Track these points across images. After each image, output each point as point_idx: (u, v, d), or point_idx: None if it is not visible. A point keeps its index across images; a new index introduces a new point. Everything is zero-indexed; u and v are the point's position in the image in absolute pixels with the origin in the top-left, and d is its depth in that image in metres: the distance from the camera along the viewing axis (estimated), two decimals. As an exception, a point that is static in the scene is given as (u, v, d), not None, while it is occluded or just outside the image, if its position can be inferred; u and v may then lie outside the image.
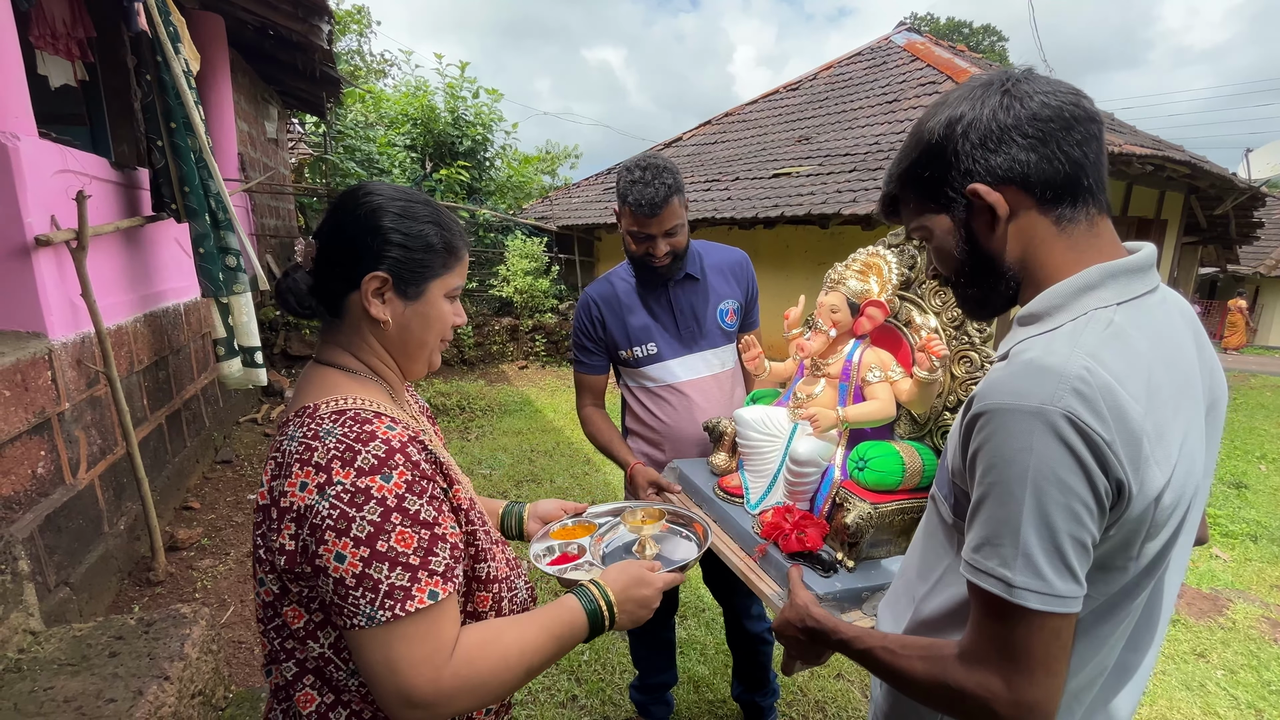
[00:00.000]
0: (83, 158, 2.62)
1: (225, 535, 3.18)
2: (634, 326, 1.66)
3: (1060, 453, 0.58)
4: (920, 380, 1.14)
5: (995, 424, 0.62)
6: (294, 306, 0.80)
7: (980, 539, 0.64)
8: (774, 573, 1.15)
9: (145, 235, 3.17)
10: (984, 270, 0.74)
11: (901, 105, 6.60)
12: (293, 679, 0.76)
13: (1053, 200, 0.68)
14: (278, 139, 7.20)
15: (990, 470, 0.62)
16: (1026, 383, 0.62)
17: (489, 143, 8.09)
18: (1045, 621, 0.60)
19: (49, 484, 2.23)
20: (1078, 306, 0.67)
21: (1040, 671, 0.61)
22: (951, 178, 0.70)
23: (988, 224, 0.71)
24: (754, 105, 9.06)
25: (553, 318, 7.44)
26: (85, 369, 2.50)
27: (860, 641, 0.79)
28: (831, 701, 2.14)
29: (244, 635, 2.47)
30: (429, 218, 0.80)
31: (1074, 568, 0.60)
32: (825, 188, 5.39)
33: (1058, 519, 0.59)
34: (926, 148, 0.72)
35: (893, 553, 1.17)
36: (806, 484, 1.24)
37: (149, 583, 2.71)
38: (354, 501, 0.66)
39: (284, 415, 0.78)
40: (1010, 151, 0.67)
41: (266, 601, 0.76)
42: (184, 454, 3.53)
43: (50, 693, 1.28)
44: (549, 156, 13.92)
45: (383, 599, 0.66)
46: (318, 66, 5.54)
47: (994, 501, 0.62)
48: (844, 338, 1.31)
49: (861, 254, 1.33)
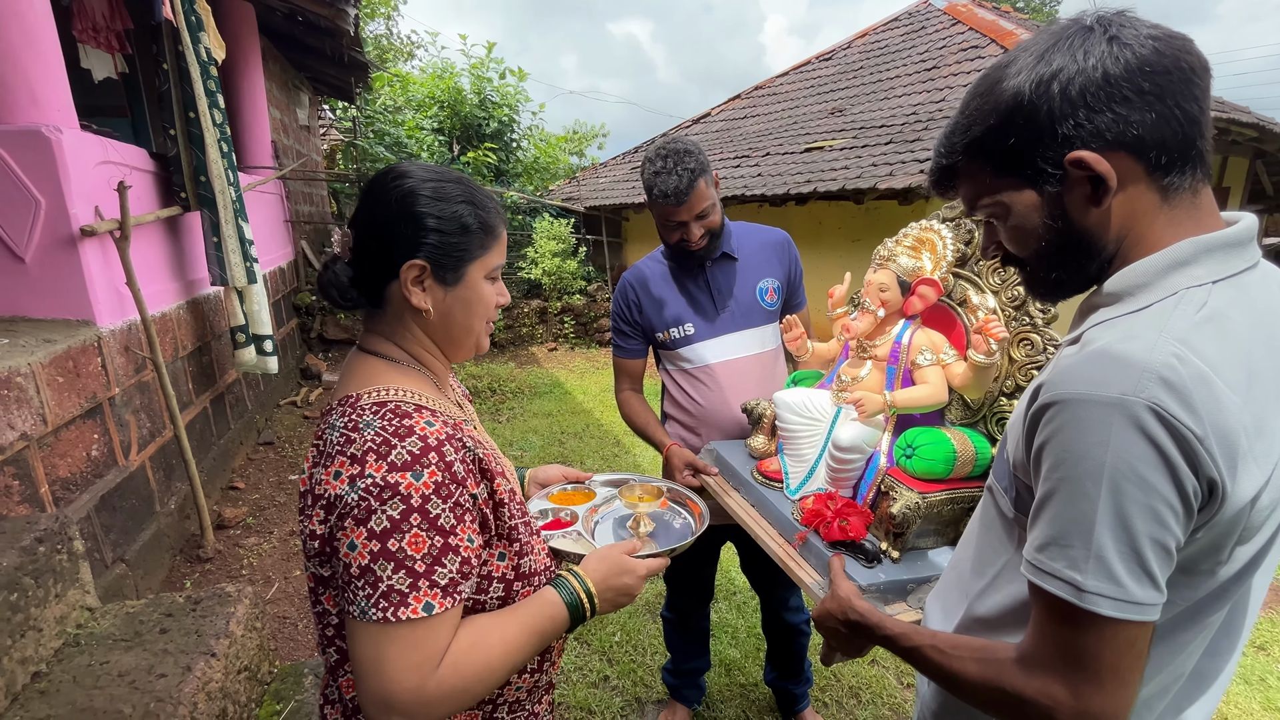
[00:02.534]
0: (123, 148, 2.68)
1: (269, 514, 3.30)
2: (670, 308, 1.63)
3: (1143, 448, 0.53)
4: (976, 364, 1.07)
5: (1067, 415, 0.56)
6: (337, 299, 0.79)
7: (1046, 538, 0.58)
8: (814, 561, 1.11)
9: (184, 224, 3.25)
10: (1074, 251, 0.65)
11: (941, 73, 6.30)
12: (335, 664, 0.77)
13: (1165, 166, 0.59)
14: (309, 125, 7.30)
15: (1060, 465, 0.57)
16: (1105, 370, 0.56)
17: (515, 124, 8.05)
18: (1119, 630, 0.55)
19: (103, 466, 2.32)
20: (1166, 285, 0.60)
21: (1111, 682, 0.56)
22: (1044, 145, 0.61)
23: (1087, 197, 0.61)
24: (784, 77, 8.78)
25: (581, 299, 7.43)
26: (133, 355, 2.58)
27: (907, 639, 0.75)
28: (866, 688, 2.11)
29: (288, 611, 2.55)
30: (462, 197, 0.78)
31: (1154, 573, 0.55)
32: (860, 161, 5.20)
33: (1137, 520, 0.54)
34: (1010, 110, 0.61)
35: (941, 544, 1.11)
36: (850, 471, 1.19)
37: (199, 559, 2.82)
38: (380, 495, 0.66)
39: (327, 402, 0.78)
40: (1120, 110, 0.57)
41: (311, 587, 0.77)
42: (228, 436, 3.65)
43: (106, 667, 1.34)
44: (576, 136, 13.80)
45: (378, 598, 0.65)
46: (345, 51, 5.56)
47: (1063, 499, 0.57)
48: (893, 318, 1.24)
49: (914, 229, 1.26)
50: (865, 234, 5.51)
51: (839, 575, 0.96)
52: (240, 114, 4.80)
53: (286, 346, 5.19)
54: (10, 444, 1.82)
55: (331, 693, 0.83)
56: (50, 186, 2.20)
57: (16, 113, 2.19)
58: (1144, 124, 0.58)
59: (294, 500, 3.45)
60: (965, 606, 0.77)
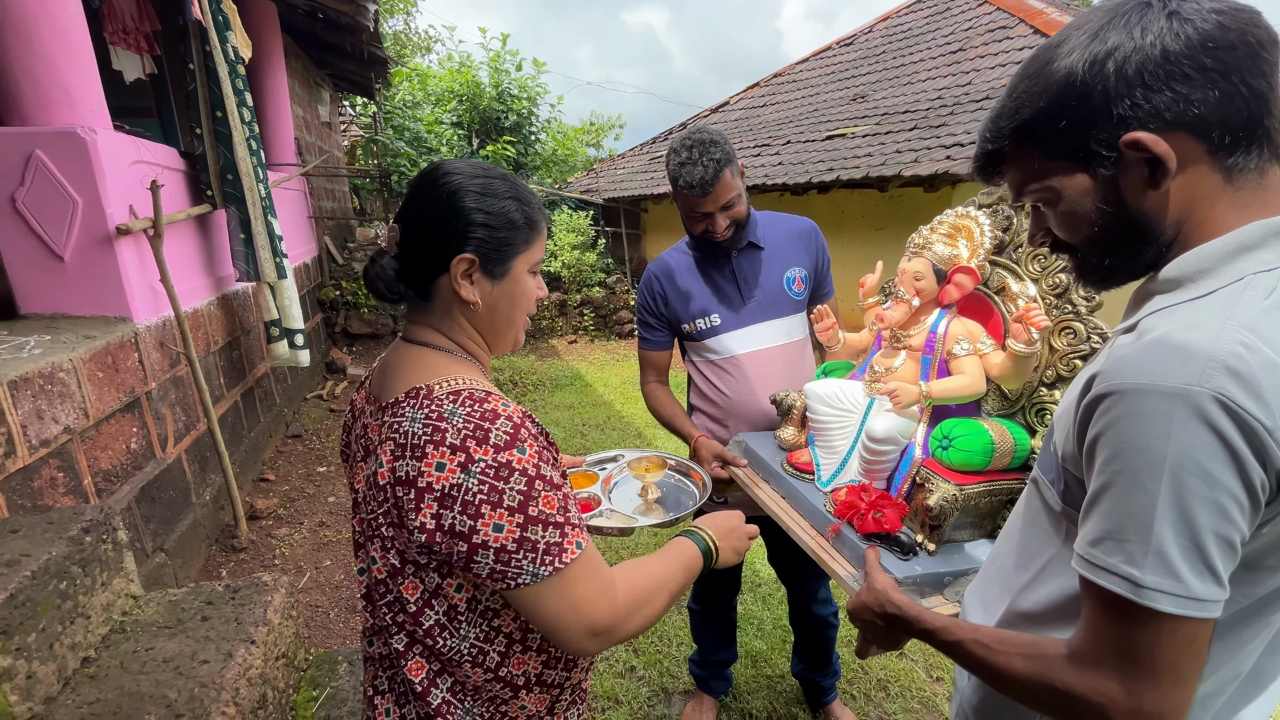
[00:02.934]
0: (154, 148, 2.74)
1: (299, 505, 3.37)
2: (696, 299, 1.62)
3: (1207, 440, 0.51)
4: (1016, 354, 1.05)
5: (1125, 406, 0.54)
6: (384, 292, 0.81)
7: (1100, 533, 0.57)
8: (847, 554, 1.10)
9: (213, 221, 3.31)
10: (1130, 236, 0.62)
11: (967, 55, 6.14)
12: (404, 649, 0.79)
13: (1229, 146, 0.57)
14: (330, 122, 7.37)
15: (1116, 458, 0.55)
16: (1166, 360, 0.53)
17: (534, 116, 8.04)
18: (1178, 626, 0.53)
19: (142, 458, 2.39)
20: (1232, 270, 0.57)
21: (1168, 680, 0.54)
22: (1098, 126, 0.58)
23: (1144, 180, 0.59)
24: (804, 64, 8.64)
25: (600, 292, 7.43)
26: (167, 350, 2.65)
27: (948, 633, 0.73)
28: (894, 680, 2.09)
29: (319, 600, 2.61)
30: (509, 193, 0.80)
31: (1216, 568, 0.53)
32: (883, 148, 5.10)
33: (1200, 514, 0.52)
34: (1062, 91, 0.59)
35: (977, 536, 1.09)
36: (884, 463, 1.17)
37: (234, 549, 2.90)
38: (500, 475, 0.70)
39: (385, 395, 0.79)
40: (1180, 88, 0.55)
41: (379, 579, 0.78)
42: (258, 429, 3.73)
43: (151, 653, 1.38)
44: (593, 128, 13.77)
45: (543, 556, 0.71)
46: (365, 47, 5.60)
47: (1119, 493, 0.55)
48: (928, 307, 1.22)
49: (949, 215, 1.23)
50: (889, 222, 5.41)
51: (875, 568, 0.95)
52: (264, 111, 4.86)
53: (312, 341, 5.28)
54: (55, 437, 1.88)
55: (381, 683, 0.85)
56: (86, 186, 2.26)
57: (53, 114, 2.24)
58: (1206, 102, 0.55)
59: (323, 491, 3.52)
60: (1008, 601, 0.76)
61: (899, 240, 1.33)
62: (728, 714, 1.99)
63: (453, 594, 0.76)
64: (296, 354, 3.59)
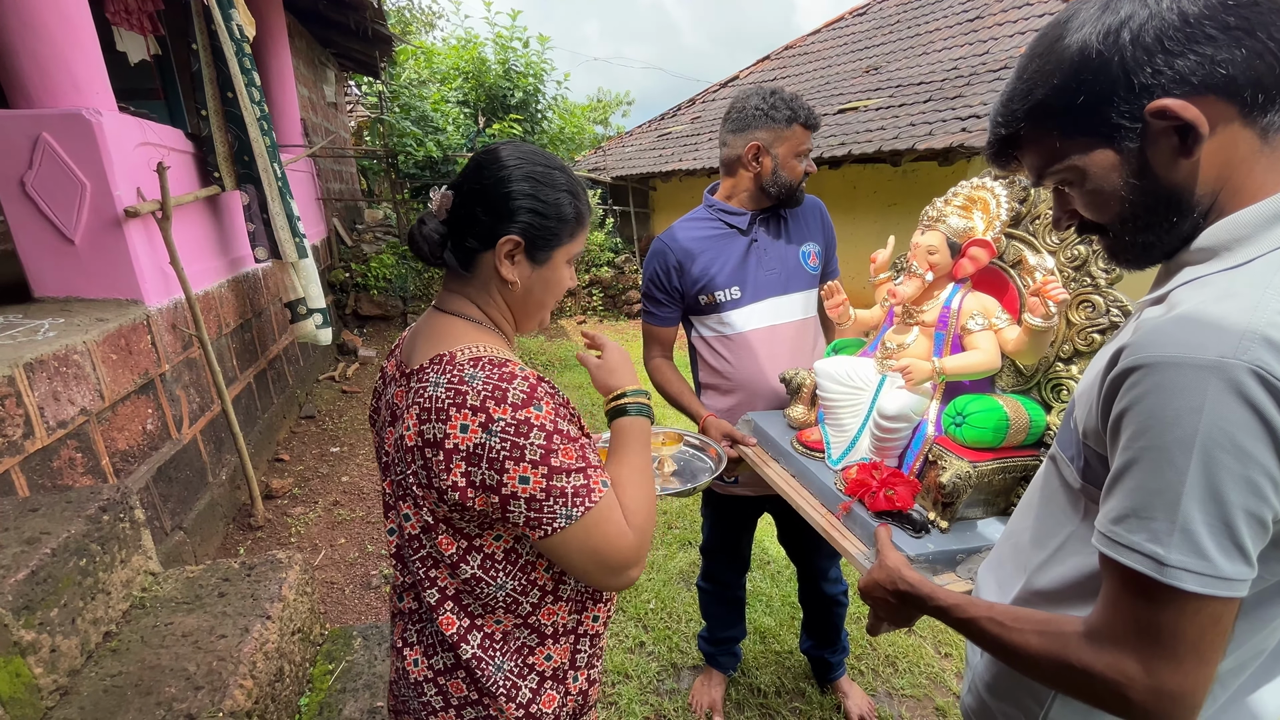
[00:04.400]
0: (160, 130, 2.73)
1: (313, 485, 3.42)
2: (715, 271, 1.59)
3: (1243, 414, 0.49)
4: (1032, 328, 1.02)
5: (1155, 379, 0.53)
6: (426, 254, 0.84)
7: (1124, 510, 0.55)
8: (859, 532, 1.10)
9: (223, 203, 3.31)
10: (1164, 210, 0.60)
11: (985, 23, 5.96)
12: (435, 603, 0.82)
13: (1263, 105, 0.54)
14: (336, 102, 7.33)
15: (1144, 433, 0.53)
16: (1200, 332, 0.52)
17: (541, 94, 7.94)
18: (1203, 605, 0.52)
19: (158, 439, 2.43)
20: (1270, 238, 0.55)
21: (1190, 659, 0.53)
22: (1119, 98, 0.56)
23: (1175, 149, 0.57)
24: (816, 35, 8.44)
25: (609, 272, 7.39)
26: (180, 333, 2.67)
27: (961, 610, 0.73)
28: (902, 656, 2.11)
29: (335, 577, 2.66)
30: (566, 186, 0.84)
31: (1245, 547, 0.51)
32: (897, 121, 4.99)
33: (1231, 491, 0.50)
34: (1077, 66, 0.58)
35: (990, 514, 1.08)
36: (895, 440, 1.16)
37: (250, 527, 2.95)
38: (519, 431, 0.73)
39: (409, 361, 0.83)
40: (1205, 50, 0.53)
41: (412, 535, 0.81)
42: (272, 410, 3.77)
43: (170, 628, 1.42)
44: (600, 105, 13.58)
45: (573, 499, 0.75)
46: (369, 25, 5.53)
47: (1146, 469, 0.54)
48: (941, 281, 1.19)
49: (964, 187, 1.20)
50: (902, 198, 5.32)
51: (886, 545, 0.94)
52: (269, 92, 4.83)
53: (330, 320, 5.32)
54: (71, 419, 1.91)
55: (410, 635, 0.88)
56: (94, 169, 2.26)
57: (58, 96, 2.23)
58: (1233, 62, 0.53)
59: (336, 471, 3.57)
60: (1024, 579, 0.75)
61: (912, 216, 1.31)
62: (736, 689, 2.02)
63: (491, 543, 0.80)
64: (321, 332, 3.63)
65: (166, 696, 1.23)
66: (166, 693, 1.24)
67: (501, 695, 0.83)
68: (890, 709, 1.94)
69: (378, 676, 1.67)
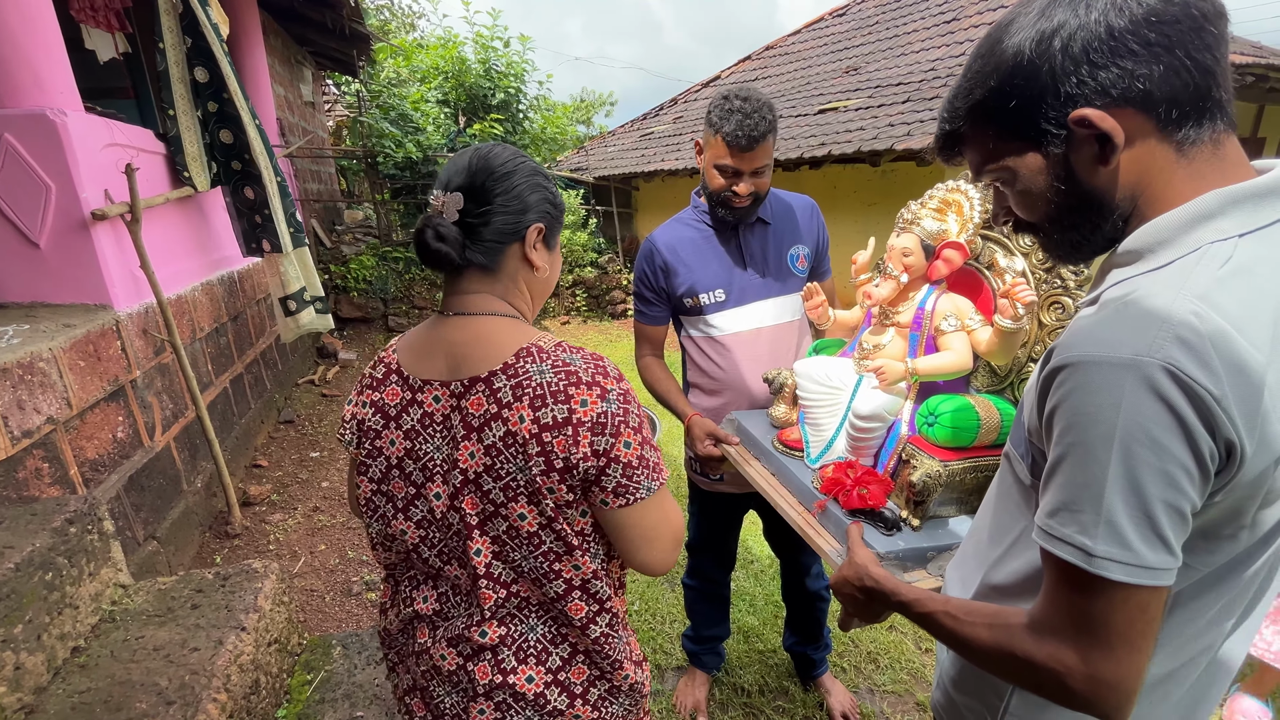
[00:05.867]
0: (128, 130, 2.67)
1: (292, 491, 3.36)
2: (702, 273, 1.59)
3: (1156, 409, 0.51)
4: (1002, 330, 1.04)
5: (1078, 378, 0.55)
6: (448, 257, 0.82)
7: (1056, 503, 0.58)
8: (833, 529, 1.11)
9: (201, 204, 3.25)
10: (1084, 212, 0.63)
11: (961, 25, 6.05)
12: (563, 593, 0.85)
13: (1177, 120, 0.57)
14: (314, 102, 7.21)
15: (1070, 429, 0.56)
16: (1118, 330, 0.54)
17: (522, 94, 7.89)
18: (1130, 594, 0.54)
19: (129, 447, 2.37)
20: (1189, 240, 0.57)
21: (1122, 647, 0.55)
22: (1047, 105, 0.59)
23: (1094, 156, 0.59)
24: (796, 36, 8.50)
25: (593, 272, 7.37)
26: (151, 338, 2.61)
27: (920, 605, 0.75)
28: (884, 653, 2.13)
29: (315, 584, 2.62)
30: (549, 178, 0.93)
31: (1167, 537, 0.53)
32: (876, 122, 5.04)
33: (1149, 484, 0.52)
34: (1011, 71, 0.60)
35: (962, 512, 1.10)
36: (870, 439, 1.18)
37: (227, 535, 2.90)
38: (627, 399, 0.82)
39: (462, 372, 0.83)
40: (1126, 64, 0.55)
41: (530, 533, 0.82)
42: (249, 415, 3.71)
43: (141, 641, 1.38)
44: (583, 105, 13.54)
45: (652, 472, 0.83)
46: (346, 23, 5.45)
47: (1073, 463, 0.56)
48: (917, 283, 1.21)
49: (939, 190, 1.21)
50: (882, 198, 5.37)
51: (856, 542, 0.96)
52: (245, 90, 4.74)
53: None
54: (37, 428, 1.86)
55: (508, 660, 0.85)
56: (59, 171, 2.20)
57: (20, 96, 2.17)
58: (1150, 77, 0.55)
59: (316, 477, 3.52)
60: (982, 574, 0.77)
61: (891, 216, 1.32)
62: (720, 689, 2.02)
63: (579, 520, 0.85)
64: (322, 319, 3.57)
65: (137, 713, 1.20)
66: (137, 708, 1.21)
67: (624, 659, 0.91)
68: (872, 705, 1.96)
69: (357, 686, 1.65)
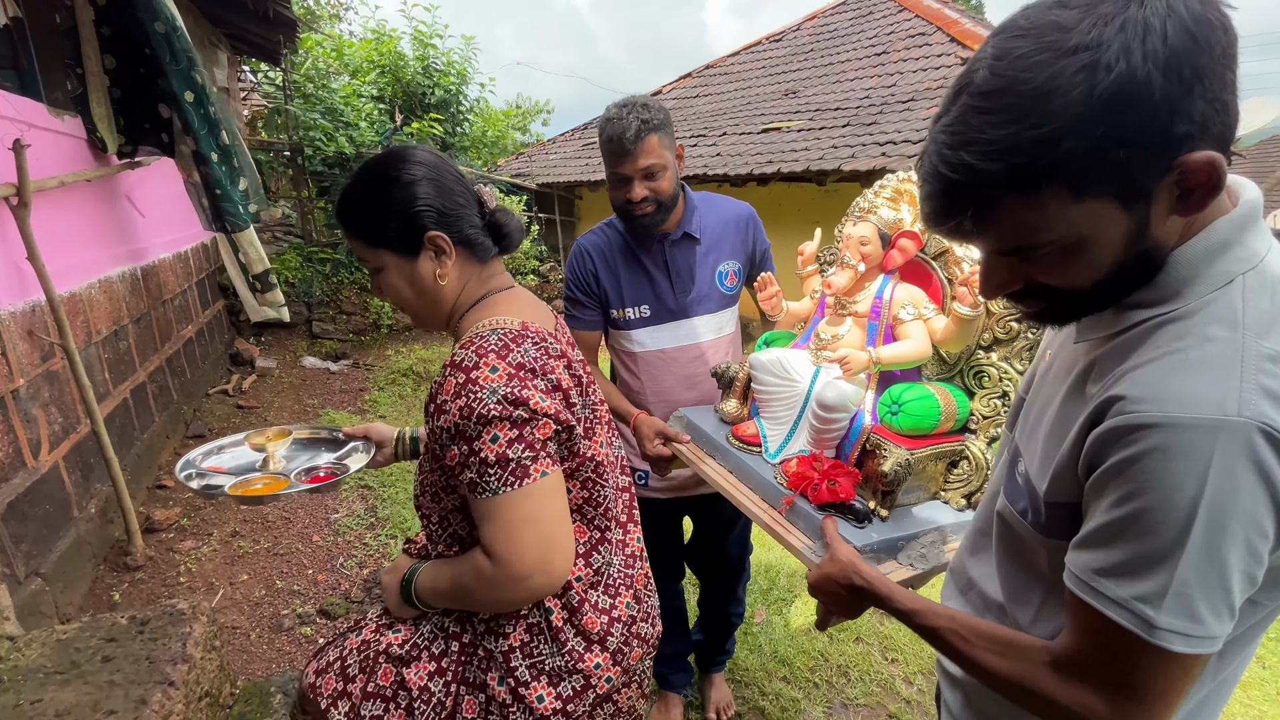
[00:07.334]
0: (18, 102, 2.31)
1: (205, 514, 3.00)
2: (627, 285, 1.54)
3: (1250, 481, 0.48)
4: (961, 317, 1.07)
5: (1155, 440, 0.50)
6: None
7: (1110, 564, 0.54)
8: (802, 525, 1.09)
9: (101, 190, 2.87)
10: (1142, 270, 0.55)
11: (890, 58, 6.42)
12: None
13: None
14: (229, 88, 6.64)
15: (1141, 493, 0.51)
16: (1193, 384, 0.50)
17: (463, 95, 7.62)
18: (1183, 661, 0.52)
19: (9, 468, 2.02)
20: (1215, 273, 0.54)
21: (1159, 705, 0.54)
22: (1157, 147, 0.48)
23: (1172, 205, 0.51)
24: (735, 57, 8.74)
25: (534, 280, 7.20)
26: (38, 340, 2.25)
27: (923, 617, 0.72)
28: (854, 665, 2.14)
29: (237, 620, 2.33)
30: None
31: (1235, 605, 0.51)
32: (819, 143, 5.23)
33: (1232, 556, 0.49)
34: (1123, 107, 0.46)
35: (923, 499, 1.12)
36: (834, 430, 1.17)
37: (127, 568, 2.53)
38: None
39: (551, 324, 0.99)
40: (1209, 88, 0.47)
41: None
42: (153, 430, 3.30)
43: (39, 706, 1.15)
44: (520, 111, 13.33)
45: None
46: (270, 6, 5.06)
47: (1142, 529, 0.52)
48: (872, 272, 1.22)
49: (892, 180, 1.24)
50: (825, 216, 5.56)
51: (835, 538, 0.93)
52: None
53: (214, 331, 4.76)
54: (-108, 448, 1.53)
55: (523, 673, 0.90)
56: (-73, 142, 1.86)
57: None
58: (1227, 106, 0.49)
59: (234, 498, 3.17)
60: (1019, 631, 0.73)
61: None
62: (695, 711, 1.95)
63: None
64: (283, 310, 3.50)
65: (36, 797, 0.99)
66: (36, 792, 0.99)
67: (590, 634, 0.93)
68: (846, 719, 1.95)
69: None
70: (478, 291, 0.96)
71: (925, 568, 1.01)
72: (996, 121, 0.50)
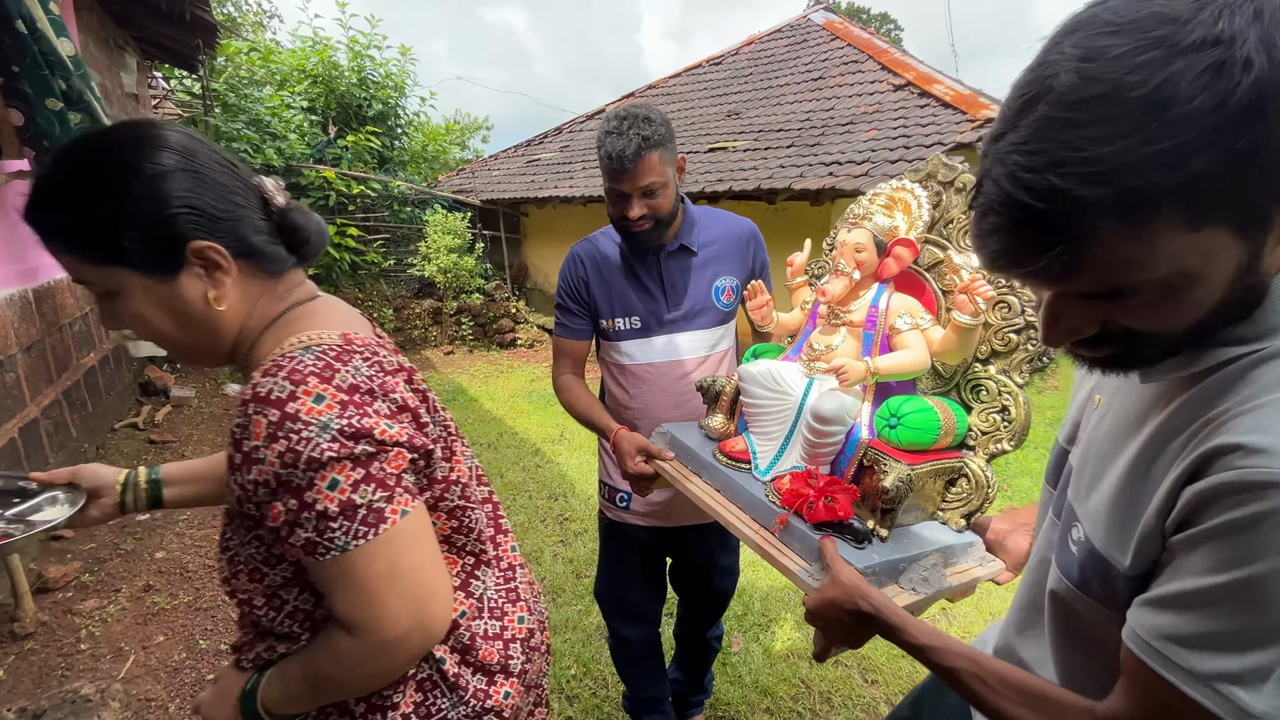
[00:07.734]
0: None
1: (111, 568, 2.65)
2: (619, 296, 1.49)
3: None
4: (962, 327, 1.02)
5: (1273, 503, 0.44)
6: None
7: (1193, 631, 0.49)
8: (797, 546, 1.01)
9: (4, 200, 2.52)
10: (1243, 307, 0.50)
11: (827, 83, 6.67)
12: None
13: None
14: (138, 94, 6.13)
15: (1247, 561, 0.46)
16: None
17: (401, 108, 7.36)
18: None
19: None
20: None
21: None
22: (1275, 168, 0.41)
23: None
24: (677, 78, 8.88)
25: (479, 298, 6.98)
26: (-99, 376, 1.92)
27: (940, 656, 0.66)
28: (836, 691, 2.08)
29: (153, 691, 2.04)
30: None
31: None
32: (766, 163, 5.34)
33: None
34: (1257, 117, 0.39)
35: (921, 519, 1.06)
36: (830, 445, 1.10)
37: (14, 636, 2.19)
38: None
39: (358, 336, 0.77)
40: None
41: None
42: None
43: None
44: (459, 127, 13.07)
45: None
46: (187, 8, 4.71)
47: (1245, 601, 0.47)
48: (866, 281, 1.18)
49: (885, 188, 1.20)
50: (775, 234, 5.59)
51: (836, 560, 0.86)
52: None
53: (121, 359, 4.30)
54: None
55: None
56: None
57: None
58: None
59: (145, 546, 2.82)
60: None
61: (783, 252, 1.33)
62: (678, 755, 1.84)
63: None
64: None
65: None
66: None
67: None
68: (832, 748, 1.89)
69: None
70: (274, 309, 0.75)
71: (928, 592, 0.95)
72: (1098, 136, 0.40)
